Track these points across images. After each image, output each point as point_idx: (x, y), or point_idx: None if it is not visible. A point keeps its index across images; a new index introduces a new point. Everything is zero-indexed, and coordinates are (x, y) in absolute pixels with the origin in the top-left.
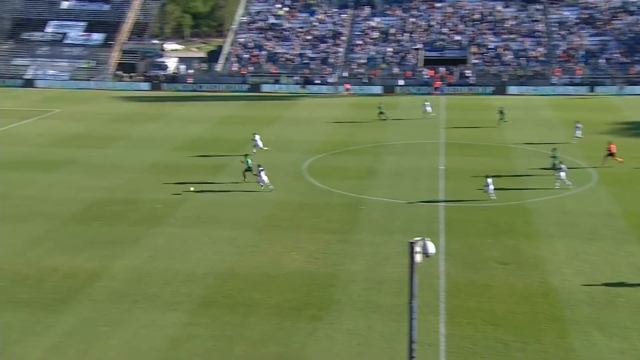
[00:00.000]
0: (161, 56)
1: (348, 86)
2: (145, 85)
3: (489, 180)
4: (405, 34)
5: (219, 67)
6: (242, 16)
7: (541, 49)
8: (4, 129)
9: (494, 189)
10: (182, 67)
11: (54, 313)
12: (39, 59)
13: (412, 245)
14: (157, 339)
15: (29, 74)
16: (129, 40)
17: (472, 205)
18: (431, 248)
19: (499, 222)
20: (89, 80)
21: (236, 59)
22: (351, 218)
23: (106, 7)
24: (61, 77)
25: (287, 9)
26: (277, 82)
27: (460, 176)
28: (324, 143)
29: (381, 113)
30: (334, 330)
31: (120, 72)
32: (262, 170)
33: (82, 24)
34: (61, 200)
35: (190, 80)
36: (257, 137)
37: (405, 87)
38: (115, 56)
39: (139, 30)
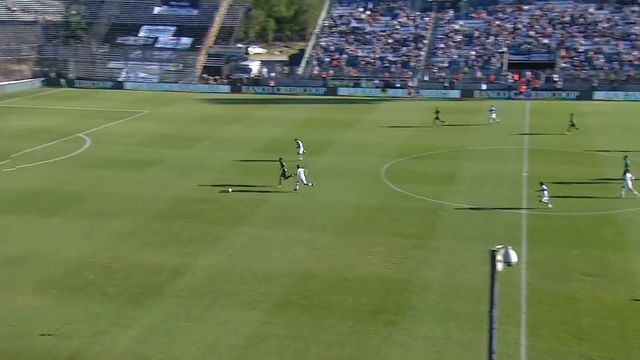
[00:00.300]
0: (245, 59)
1: (410, 90)
2: (226, 88)
3: (544, 187)
4: (490, 37)
5: (300, 70)
6: (325, 20)
7: (636, 53)
8: (97, 129)
9: (549, 197)
10: (265, 70)
11: (140, 306)
12: (131, 62)
13: (493, 253)
14: (235, 336)
15: (122, 76)
16: (215, 44)
17: (557, 213)
18: (513, 257)
19: (586, 231)
20: (176, 82)
21: (317, 62)
22: (429, 223)
23: (195, 12)
24: (151, 80)
25: (369, 12)
26: (357, 85)
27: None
28: (403, 147)
29: (437, 118)
30: (410, 337)
31: (205, 75)
32: (301, 169)
33: (172, 28)
34: (148, 198)
35: (272, 83)
36: (300, 143)
37: (485, 91)
38: (201, 59)
39: (224, 35)
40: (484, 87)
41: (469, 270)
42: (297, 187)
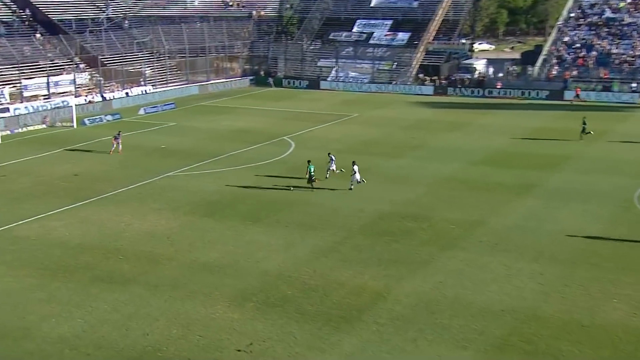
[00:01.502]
0: (468, 57)
1: (579, 91)
2: (429, 89)
3: None
4: None
5: (534, 70)
6: (571, 10)
7: None
8: (302, 132)
9: None
10: (491, 70)
11: (338, 330)
12: (342, 60)
13: None
14: None
15: (332, 75)
16: (434, 39)
17: None
18: None
19: None
20: (389, 83)
21: (557, 60)
22: None
23: (415, 3)
24: (362, 80)
25: (629, 0)
26: (607, 89)
27: None
28: None
29: (583, 130)
30: None
31: (422, 75)
32: (356, 167)
33: (388, 22)
34: (352, 210)
35: (499, 85)
36: (333, 157)
37: None
38: (418, 57)
39: (446, 29)
40: None
41: None
42: (352, 187)
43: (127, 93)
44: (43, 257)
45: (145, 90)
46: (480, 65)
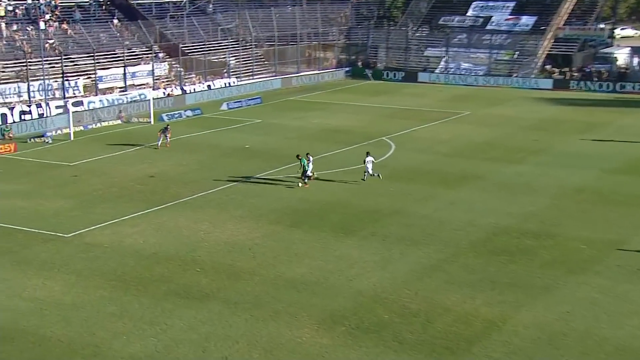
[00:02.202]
0: (608, 46)
1: None
2: (547, 83)
3: None
4: None
5: None
6: None
7: None
8: (404, 132)
9: None
10: (636, 60)
11: None
12: (452, 49)
13: None
14: None
15: (441, 66)
16: (566, 24)
17: None
18: None
19: None
20: (509, 75)
21: None
22: None
23: None
24: (476, 71)
25: None
26: None
27: None
28: None
29: None
30: None
31: (549, 67)
32: (370, 158)
33: (510, 4)
34: (461, 224)
35: None
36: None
37: None
38: (545, 46)
39: (581, 12)
40: None
41: None
42: (365, 177)
43: (209, 86)
44: (115, 266)
45: (229, 83)
46: (622, 55)
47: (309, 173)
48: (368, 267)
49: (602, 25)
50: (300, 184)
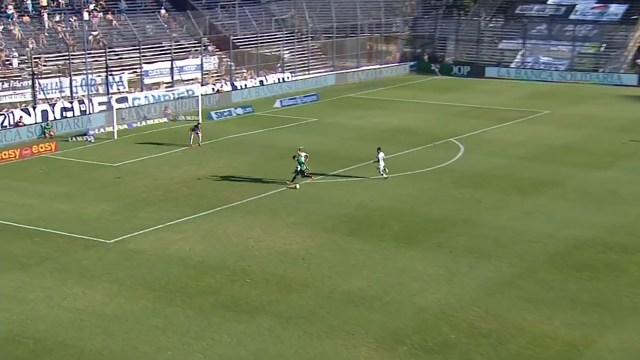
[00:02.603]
0: None
1: None
2: (632, 79)
3: None
4: None
5: None
6: None
7: None
8: (474, 133)
9: None
10: None
11: None
12: (530, 42)
13: None
14: None
15: (517, 60)
16: None
17: None
18: None
19: None
20: (594, 71)
21: None
22: None
23: None
24: (556, 66)
25: None
26: None
27: None
28: None
29: None
30: None
31: (639, 61)
32: (381, 154)
33: None
34: (538, 235)
35: None
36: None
37: None
38: (637, 37)
39: None
40: None
41: None
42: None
43: (261, 81)
44: (160, 275)
45: (283, 78)
46: None
47: (302, 170)
48: (433, 281)
49: None
50: (290, 185)
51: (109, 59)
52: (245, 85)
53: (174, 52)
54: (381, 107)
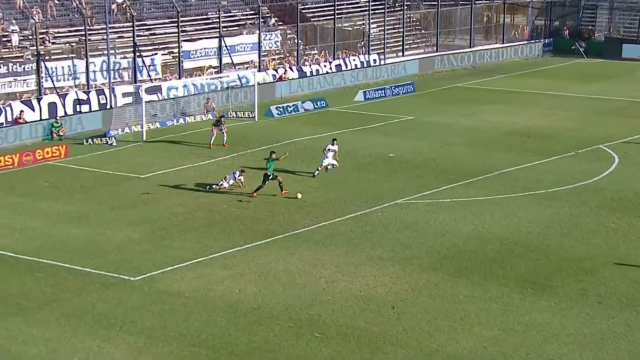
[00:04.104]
0: None
1: None
2: None
3: None
4: None
5: None
6: None
7: None
8: (634, 138)
9: None
10: None
11: None
12: None
13: None
14: None
15: None
16: None
17: None
18: None
19: None
20: None
21: None
22: None
23: None
24: None
25: None
26: None
27: None
28: None
29: None
30: None
31: None
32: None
33: None
34: None
35: None
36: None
37: None
38: None
39: None
40: None
41: None
42: (316, 173)
43: (338, 66)
44: (200, 326)
45: (368, 62)
46: None
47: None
48: (574, 343)
49: None
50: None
51: (138, 36)
52: (318, 70)
53: (224, 27)
54: (502, 101)
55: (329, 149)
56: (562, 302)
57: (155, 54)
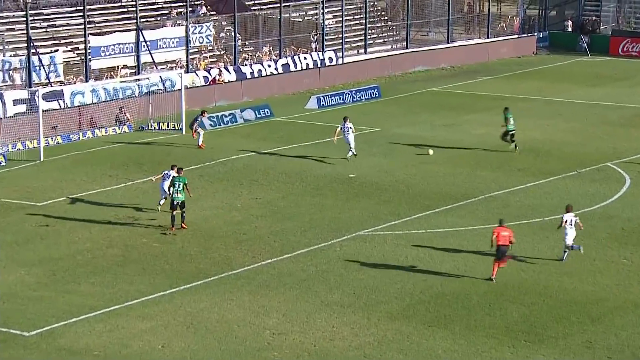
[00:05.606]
0: None
1: None
2: None
3: None
4: None
5: None
6: None
7: None
8: None
9: None
10: None
11: None
12: None
13: None
14: None
15: None
16: None
17: None
18: None
19: None
20: None
21: None
22: None
23: None
24: None
25: None
26: None
27: None
28: None
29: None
30: None
31: None
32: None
33: None
34: None
35: None
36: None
37: None
38: None
39: None
40: None
41: None
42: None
43: (286, 65)
44: None
45: (323, 60)
46: None
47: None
48: None
49: None
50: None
51: (33, 28)
52: (260, 71)
53: (142, 17)
54: (487, 108)
55: (349, 127)
56: (564, 356)
57: (56, 50)
